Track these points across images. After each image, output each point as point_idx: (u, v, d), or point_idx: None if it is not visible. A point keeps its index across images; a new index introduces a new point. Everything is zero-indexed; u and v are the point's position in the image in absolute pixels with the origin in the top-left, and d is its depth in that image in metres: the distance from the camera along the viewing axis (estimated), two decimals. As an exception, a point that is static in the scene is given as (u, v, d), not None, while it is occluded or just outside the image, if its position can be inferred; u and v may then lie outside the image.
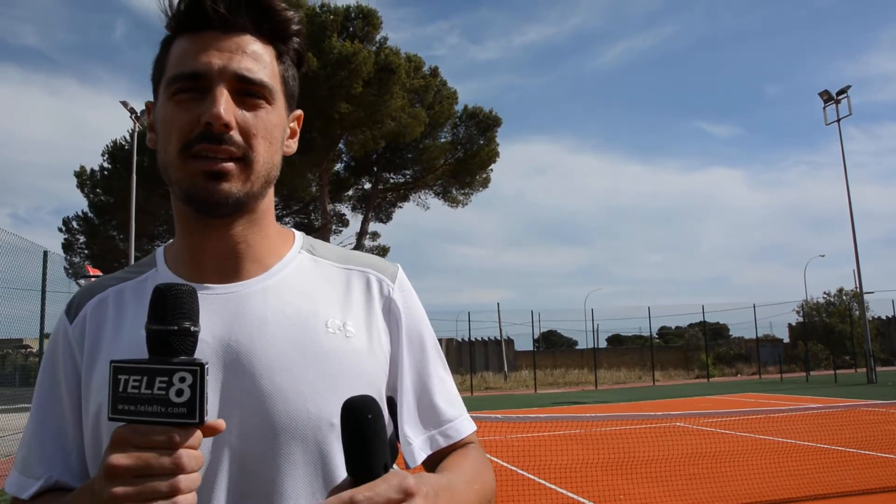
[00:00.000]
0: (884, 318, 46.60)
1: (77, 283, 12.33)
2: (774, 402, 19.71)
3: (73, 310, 1.10)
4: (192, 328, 0.79)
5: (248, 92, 1.00)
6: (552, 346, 56.98)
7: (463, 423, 1.15)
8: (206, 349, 0.96)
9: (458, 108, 29.73)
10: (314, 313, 1.04)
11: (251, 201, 1.03)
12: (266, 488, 0.95)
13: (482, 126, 29.99)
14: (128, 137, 28.46)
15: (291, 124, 1.13)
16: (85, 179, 31.11)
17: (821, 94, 32.38)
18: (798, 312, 47.40)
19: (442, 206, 34.23)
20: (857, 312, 37.75)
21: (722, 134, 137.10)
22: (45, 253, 10.81)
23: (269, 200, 1.10)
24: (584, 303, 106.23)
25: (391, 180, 33.13)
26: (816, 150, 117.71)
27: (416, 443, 1.09)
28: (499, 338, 41.76)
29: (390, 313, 1.12)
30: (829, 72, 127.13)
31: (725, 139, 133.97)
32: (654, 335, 45.99)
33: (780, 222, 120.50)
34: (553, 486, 8.06)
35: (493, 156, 30.52)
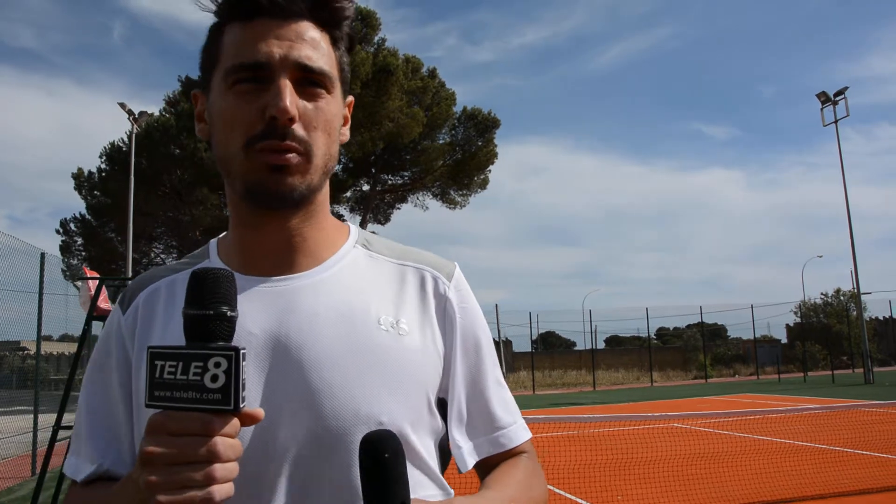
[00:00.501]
0: (881, 318, 46.65)
1: (74, 286, 12.30)
2: (772, 403, 19.72)
3: (126, 300, 1.10)
4: (229, 313, 0.77)
5: (309, 81, 0.98)
6: (550, 347, 57.01)
7: (516, 432, 1.11)
8: (254, 342, 0.95)
9: (457, 109, 29.72)
10: (367, 309, 1.02)
11: (311, 194, 1.02)
12: (321, 485, 0.93)
13: (480, 127, 29.98)
14: (126, 139, 28.43)
15: (344, 111, 1.11)
16: (83, 181, 31.04)
17: (818, 96, 32.41)
18: (796, 313, 47.53)
19: (440, 208, 34.13)
20: (855, 313, 37.78)
21: (719, 135, 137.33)
22: (43, 255, 10.79)
23: (325, 193, 1.08)
24: (582, 304, 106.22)
25: (389, 181, 33.10)
26: (813, 151, 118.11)
27: (466, 448, 1.06)
28: (497, 339, 41.73)
29: (445, 313, 1.08)
30: (825, 73, 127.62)
31: (723, 140, 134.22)
32: (652, 336, 46.03)
33: (778, 223, 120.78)
34: (551, 487, 8.06)
35: (491, 157, 30.50)
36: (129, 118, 25.56)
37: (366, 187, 33.49)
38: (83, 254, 31.82)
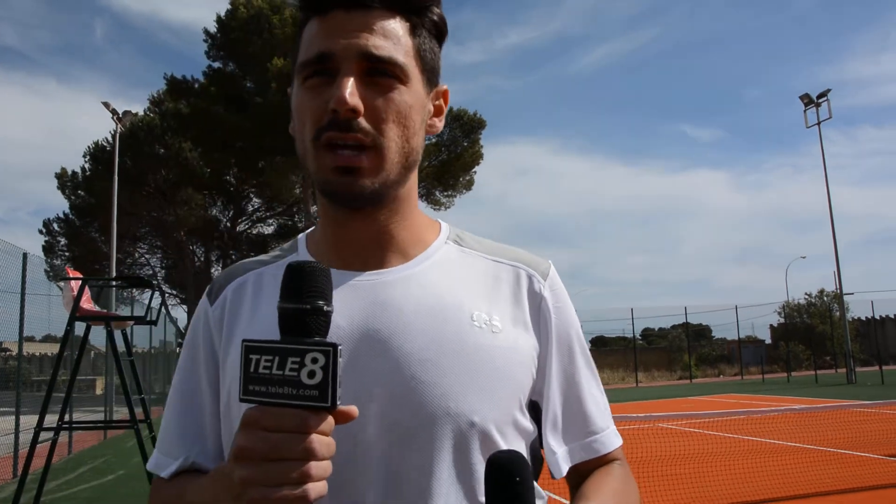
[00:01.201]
0: (863, 318, 47.14)
1: (57, 286, 12.19)
2: (756, 403, 19.84)
3: (213, 292, 1.09)
4: (326, 307, 0.75)
5: (379, 71, 0.94)
6: (536, 347, 56.99)
7: (609, 437, 1.08)
8: (342, 336, 0.93)
9: (443, 110, 29.70)
10: (459, 305, 0.98)
11: (389, 190, 0.98)
12: (406, 482, 0.90)
13: (466, 128, 29.96)
14: (110, 139, 28.22)
15: (436, 102, 1.06)
16: (66, 181, 30.78)
17: (801, 98, 32.67)
18: (779, 314, 47.89)
19: (426, 209, 33.70)
20: (838, 314, 38.10)
21: (704, 136, 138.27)
22: (25, 255, 10.68)
23: (410, 187, 1.05)
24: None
25: (375, 182, 33.01)
26: (797, 152, 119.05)
27: (560, 453, 1.03)
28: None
29: (540, 312, 1.04)
30: (809, 75, 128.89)
31: (708, 142, 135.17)
32: (638, 337, 46.20)
33: (762, 224, 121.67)
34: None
35: (477, 158, 30.50)
36: (113, 117, 25.34)
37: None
38: (67, 254, 31.56)
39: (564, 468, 1.03)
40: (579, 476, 1.05)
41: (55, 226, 31.68)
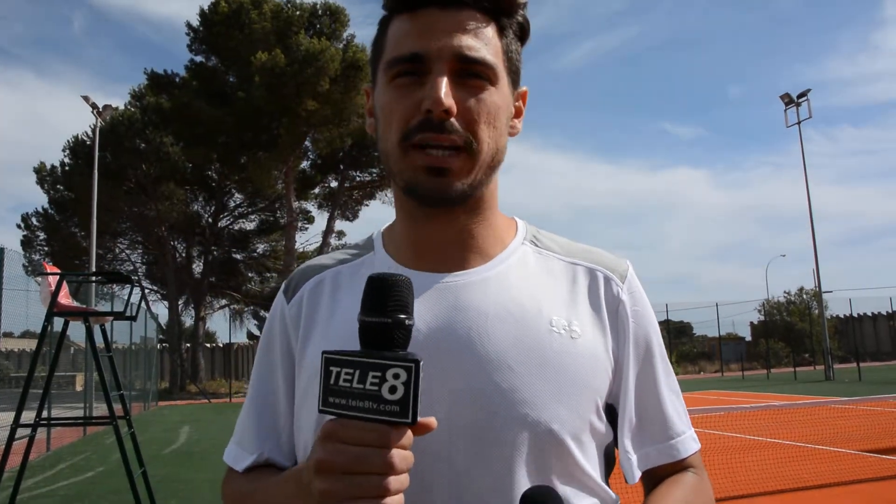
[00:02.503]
0: (842, 316, 47.65)
1: (36, 282, 12.05)
2: (736, 400, 20.00)
3: (290, 289, 1.08)
4: (407, 321, 0.75)
5: (470, 72, 0.94)
6: (518, 344, 57.19)
7: (685, 443, 1.05)
8: (419, 338, 0.91)
9: (426, 106, 29.65)
10: (538, 310, 0.97)
11: (475, 191, 0.98)
12: (478, 488, 0.89)
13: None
14: (90, 133, 27.96)
15: (517, 103, 1.05)
16: (45, 175, 30.48)
17: (782, 97, 32.97)
18: (759, 311, 48.33)
19: (409, 205, 34.03)
20: (817, 311, 38.50)
21: (685, 134, 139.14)
22: (2, 250, 10.55)
23: (493, 187, 1.04)
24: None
25: (357, 178, 33.02)
26: (778, 151, 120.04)
27: (634, 458, 1.01)
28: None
29: (618, 316, 1.02)
30: (789, 75, 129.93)
31: (689, 139, 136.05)
32: (619, 333, 46.31)
33: (743, 222, 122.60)
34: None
35: (460, 154, 30.50)
36: (93, 111, 25.09)
37: (334, 184, 33.37)
38: (45, 249, 31.28)
39: (638, 473, 1.02)
40: (653, 481, 1.03)
41: (34, 220, 31.39)
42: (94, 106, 24.96)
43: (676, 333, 45.41)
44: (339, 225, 34.91)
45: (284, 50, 25.80)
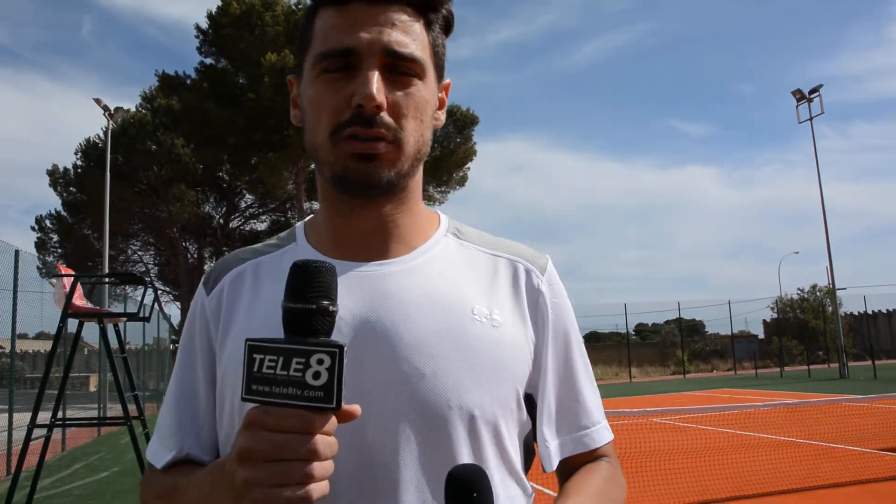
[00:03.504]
0: (856, 313, 47.28)
1: (50, 283, 12.14)
2: (749, 398, 19.92)
3: (210, 282, 1.08)
4: (331, 308, 0.75)
5: (399, 68, 0.96)
6: (530, 343, 57.05)
7: (600, 432, 1.09)
8: (343, 328, 0.93)
9: (436, 106, 29.62)
10: (460, 299, 0.99)
11: (402, 181, 1.00)
12: (392, 476, 0.90)
13: (459, 124, 29.96)
14: (101, 135, 28.11)
15: (440, 94, 1.07)
16: (58, 178, 30.66)
17: (794, 93, 32.72)
18: (772, 309, 48.14)
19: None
20: (830, 308, 38.23)
21: (696, 132, 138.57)
22: (17, 252, 10.63)
23: (417, 179, 1.05)
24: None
25: (368, 178, 32.96)
26: (789, 148, 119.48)
27: (552, 446, 1.04)
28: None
29: (537, 307, 1.05)
30: (801, 71, 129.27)
31: (700, 137, 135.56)
32: (631, 332, 46.30)
33: (755, 219, 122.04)
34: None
35: (470, 154, 30.50)
36: (104, 114, 25.21)
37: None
38: (59, 251, 31.47)
39: (555, 461, 1.04)
40: (569, 470, 1.06)
41: (47, 223, 31.58)
42: (105, 108, 25.07)
43: (689, 331, 45.23)
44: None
45: (294, 50, 25.84)
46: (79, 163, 30.40)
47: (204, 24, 29.35)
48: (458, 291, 1.00)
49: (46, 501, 8.02)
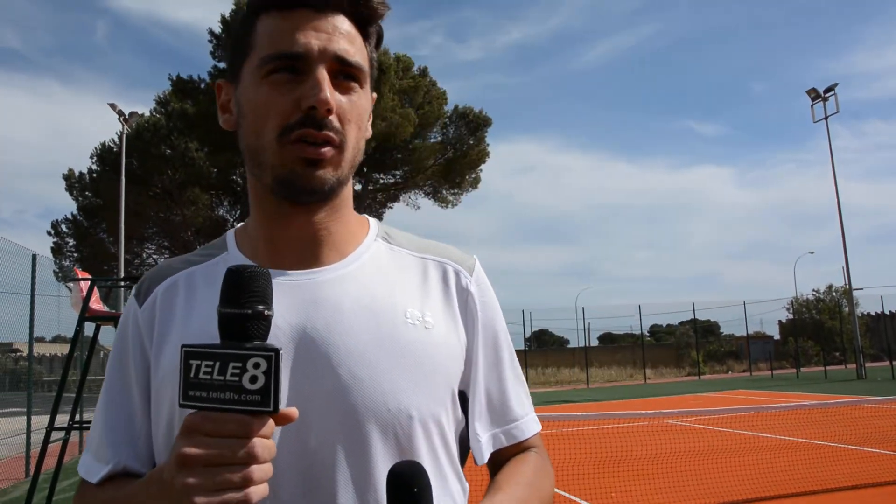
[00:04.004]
0: (873, 314, 46.96)
1: (66, 287, 12.25)
2: (765, 399, 19.79)
3: (142, 293, 1.07)
4: (266, 312, 0.76)
5: (345, 74, 0.98)
6: (543, 344, 57.12)
7: (528, 424, 1.13)
8: (280, 336, 0.94)
9: (448, 108, 29.69)
10: (393, 303, 1.01)
11: (339, 187, 1.02)
12: (335, 480, 0.92)
13: (472, 126, 29.94)
14: (116, 140, 28.30)
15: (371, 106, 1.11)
16: (73, 182, 30.89)
17: (808, 92, 32.51)
18: (788, 309, 47.78)
19: (432, 207, 34.19)
20: (847, 309, 37.96)
21: (709, 132, 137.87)
22: (34, 256, 10.74)
23: (349, 187, 1.08)
24: (575, 301, 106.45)
25: (381, 181, 33.05)
26: (803, 147, 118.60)
27: (484, 440, 1.07)
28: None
29: (467, 307, 1.09)
30: (814, 69, 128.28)
31: (713, 137, 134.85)
32: (646, 333, 46.09)
33: (769, 220, 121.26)
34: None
35: (482, 156, 30.48)
36: (119, 118, 25.42)
37: (357, 187, 33.40)
38: (75, 255, 31.68)
39: (487, 454, 1.07)
40: (499, 462, 1.09)
41: (63, 227, 31.81)
42: (120, 113, 25.29)
43: (703, 332, 45.01)
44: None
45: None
46: (94, 167, 30.61)
47: (217, 29, 29.54)
48: (391, 296, 1.02)
49: (65, 503, 8.08)
